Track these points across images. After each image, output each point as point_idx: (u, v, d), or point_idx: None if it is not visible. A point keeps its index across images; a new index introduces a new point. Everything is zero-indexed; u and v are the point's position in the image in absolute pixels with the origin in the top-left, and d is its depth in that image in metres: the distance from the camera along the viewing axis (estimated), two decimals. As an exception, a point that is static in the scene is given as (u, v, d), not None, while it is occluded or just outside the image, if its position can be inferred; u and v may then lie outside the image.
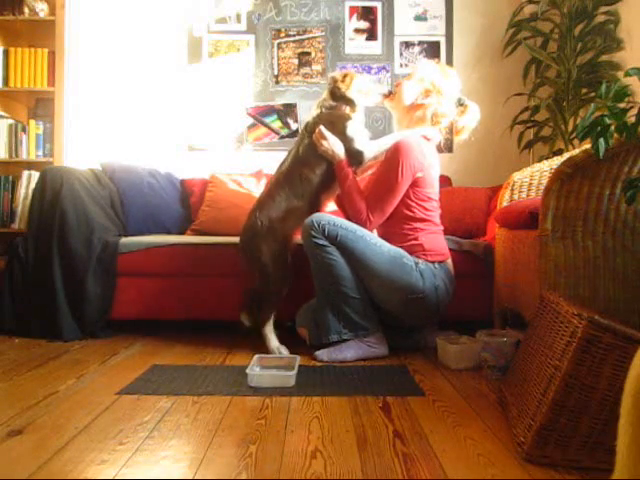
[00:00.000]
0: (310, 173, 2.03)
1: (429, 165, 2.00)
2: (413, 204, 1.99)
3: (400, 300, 1.96)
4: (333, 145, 2.00)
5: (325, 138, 2.00)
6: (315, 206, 2.06)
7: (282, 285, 2.04)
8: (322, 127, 2.00)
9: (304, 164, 2.04)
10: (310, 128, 2.06)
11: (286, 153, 2.16)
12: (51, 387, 1.62)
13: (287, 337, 2.11)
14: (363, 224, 1.96)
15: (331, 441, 1.24)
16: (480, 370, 1.80)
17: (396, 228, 2.01)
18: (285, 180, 2.05)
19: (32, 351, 2.06)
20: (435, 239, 2.03)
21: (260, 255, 2.01)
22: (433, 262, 1.98)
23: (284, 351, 1.99)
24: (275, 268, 2.02)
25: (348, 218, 1.99)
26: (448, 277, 2.02)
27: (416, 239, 1.99)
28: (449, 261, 2.06)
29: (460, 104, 2.16)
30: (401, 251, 1.96)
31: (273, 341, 2.02)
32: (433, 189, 2.05)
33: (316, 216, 1.94)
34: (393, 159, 1.95)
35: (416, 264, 1.95)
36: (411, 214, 1.99)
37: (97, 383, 1.69)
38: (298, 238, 2.05)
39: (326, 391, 1.60)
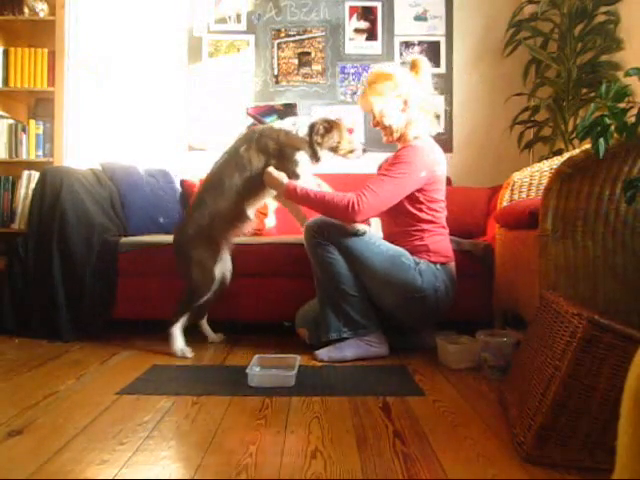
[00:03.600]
0: (238, 179, 2.02)
1: (437, 165, 1.98)
2: (422, 206, 1.97)
3: (398, 299, 1.96)
4: (279, 177, 1.96)
5: (272, 175, 1.97)
6: (241, 210, 2.05)
7: (203, 292, 2.04)
8: (271, 169, 1.98)
9: (236, 169, 2.02)
10: (257, 140, 2.03)
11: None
12: (51, 387, 1.62)
13: (287, 337, 2.11)
14: (349, 207, 1.84)
15: (331, 441, 1.24)
16: (480, 370, 1.80)
17: (403, 228, 1.99)
18: (213, 184, 2.06)
19: (32, 351, 2.06)
20: (441, 242, 2.02)
21: (189, 261, 2.04)
22: (435, 263, 1.98)
23: (188, 354, 1.98)
24: (198, 275, 2.03)
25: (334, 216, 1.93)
26: (450, 279, 2.01)
27: (421, 239, 1.98)
28: (452, 264, 2.06)
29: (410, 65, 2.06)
30: (401, 250, 1.95)
31: (178, 342, 2.01)
32: (442, 190, 2.03)
33: (318, 218, 1.95)
34: (404, 159, 1.91)
35: (416, 264, 1.94)
36: (419, 214, 1.97)
37: (97, 383, 1.69)
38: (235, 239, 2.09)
39: (326, 391, 1.60)
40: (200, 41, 3.30)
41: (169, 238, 2.46)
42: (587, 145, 1.46)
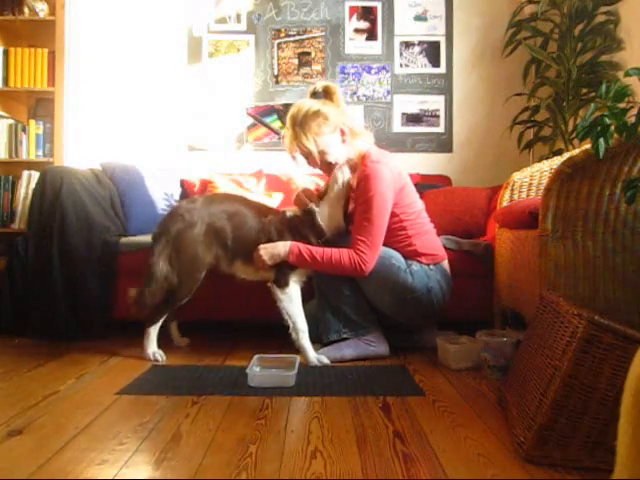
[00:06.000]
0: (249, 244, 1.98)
1: (398, 175, 1.95)
2: (401, 215, 1.96)
3: (390, 300, 1.96)
4: (274, 250, 1.91)
5: (263, 255, 1.91)
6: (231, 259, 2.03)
7: (185, 294, 2.00)
8: (262, 246, 1.92)
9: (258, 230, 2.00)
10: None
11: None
12: (51, 387, 1.62)
13: (287, 337, 2.11)
14: (356, 268, 1.86)
15: (331, 441, 1.24)
16: (480, 370, 1.80)
17: (390, 238, 1.96)
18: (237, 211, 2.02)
19: (32, 351, 2.07)
20: (428, 240, 2.02)
21: (179, 257, 2.00)
22: (428, 264, 1.98)
23: (159, 357, 1.96)
24: (184, 275, 1.99)
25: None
26: (444, 278, 2.01)
27: (410, 244, 1.97)
28: (445, 262, 2.06)
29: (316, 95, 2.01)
30: (391, 252, 1.95)
31: (153, 344, 1.98)
32: (411, 190, 2.01)
33: None
34: (371, 192, 1.87)
35: (408, 265, 1.94)
36: (400, 224, 1.96)
37: (97, 383, 1.69)
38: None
39: (326, 391, 1.60)
40: (200, 41, 3.30)
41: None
42: (587, 145, 1.46)
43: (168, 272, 1.97)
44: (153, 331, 2.00)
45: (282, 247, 1.91)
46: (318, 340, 2.00)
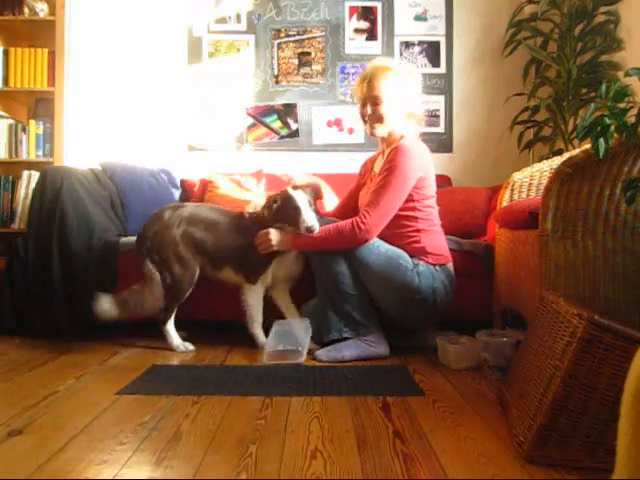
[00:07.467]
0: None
1: (427, 165, 2.00)
2: (416, 203, 1.97)
3: (396, 300, 1.96)
4: (276, 238, 1.99)
5: (273, 241, 1.98)
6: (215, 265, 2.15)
7: (185, 287, 2.12)
8: (270, 232, 1.99)
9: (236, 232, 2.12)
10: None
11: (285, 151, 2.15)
12: (51, 387, 1.62)
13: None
14: (355, 229, 1.88)
15: (331, 441, 1.24)
16: (480, 370, 1.80)
17: (398, 229, 1.98)
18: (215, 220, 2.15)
19: (32, 351, 2.06)
20: (436, 241, 2.02)
21: (170, 257, 2.12)
22: (434, 265, 1.98)
23: (190, 347, 2.09)
24: (180, 270, 2.10)
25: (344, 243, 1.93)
26: (448, 279, 2.01)
27: (418, 241, 1.98)
28: (450, 264, 2.06)
29: None
30: (399, 251, 1.95)
31: (175, 338, 2.10)
32: (433, 185, 2.05)
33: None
34: (397, 162, 1.92)
35: (415, 265, 1.95)
36: (412, 213, 1.98)
37: (97, 383, 1.69)
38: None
39: (326, 391, 1.60)
40: (200, 41, 3.30)
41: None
42: (587, 145, 1.46)
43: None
44: (170, 327, 2.10)
45: (282, 237, 1.99)
46: (319, 340, 2.01)
